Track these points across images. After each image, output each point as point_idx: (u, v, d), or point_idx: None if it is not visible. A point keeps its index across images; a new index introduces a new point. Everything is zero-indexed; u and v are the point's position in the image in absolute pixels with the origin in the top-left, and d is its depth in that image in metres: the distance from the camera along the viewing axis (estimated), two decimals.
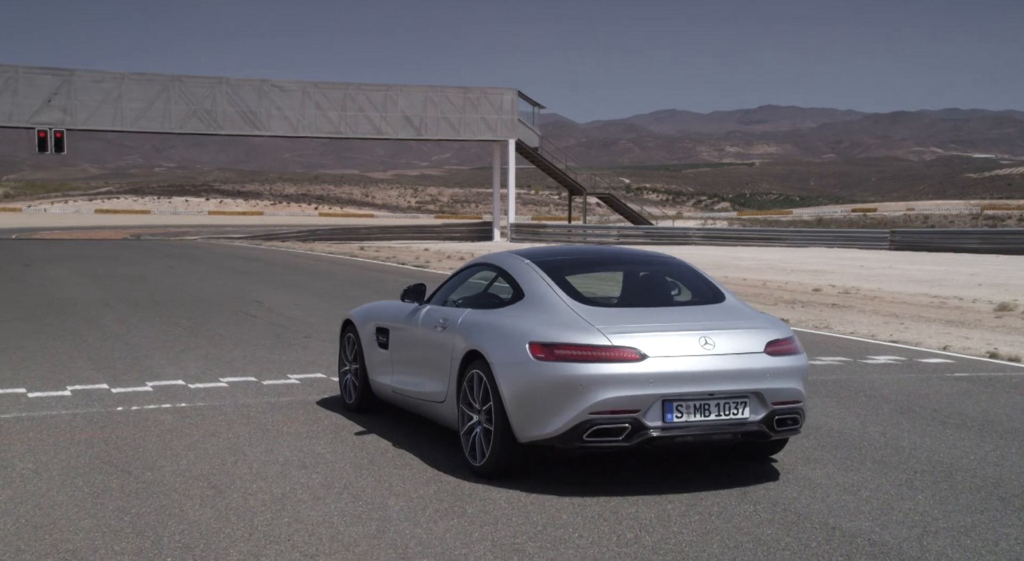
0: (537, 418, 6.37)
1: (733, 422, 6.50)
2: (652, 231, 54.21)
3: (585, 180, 59.83)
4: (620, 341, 6.37)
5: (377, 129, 52.85)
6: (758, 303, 19.28)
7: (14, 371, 10.44)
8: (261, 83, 51.27)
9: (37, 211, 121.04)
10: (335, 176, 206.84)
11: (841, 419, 8.76)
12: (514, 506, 6.11)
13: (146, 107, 49.43)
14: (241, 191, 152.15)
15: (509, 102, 54.26)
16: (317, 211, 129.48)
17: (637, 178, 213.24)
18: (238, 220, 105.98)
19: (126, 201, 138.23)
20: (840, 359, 12.16)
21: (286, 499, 6.12)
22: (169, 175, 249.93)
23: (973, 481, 6.86)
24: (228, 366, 10.93)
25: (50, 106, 48.22)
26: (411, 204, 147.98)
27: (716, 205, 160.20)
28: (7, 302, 17.31)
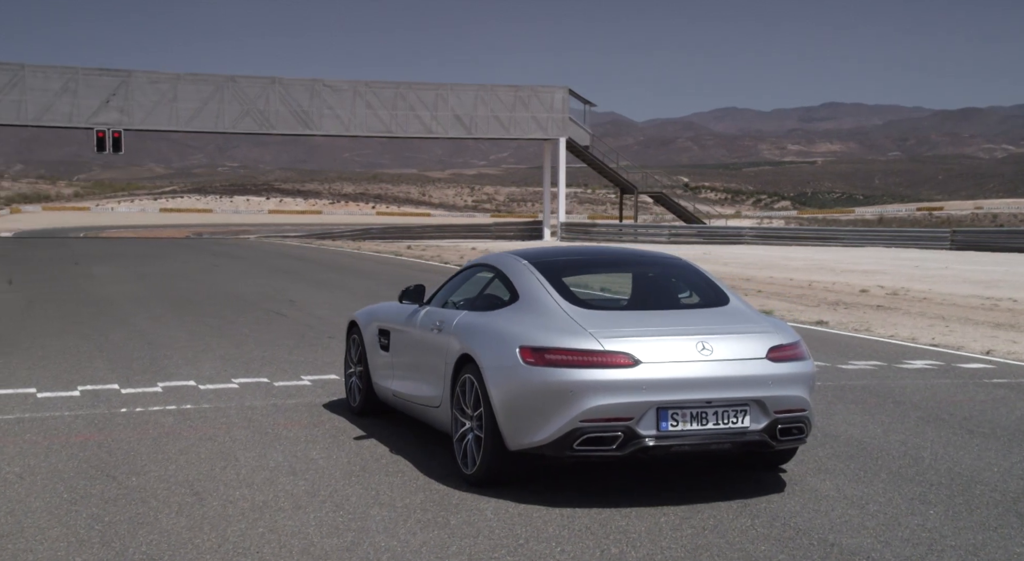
0: (527, 425, 6.14)
1: (732, 431, 6.21)
2: (704, 230, 53.61)
3: (637, 179, 59.31)
4: (613, 346, 6.11)
5: (428, 128, 52.87)
6: (800, 304, 18.85)
7: (30, 370, 10.44)
8: (313, 83, 51.54)
9: (104, 210, 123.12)
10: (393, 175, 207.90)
11: (863, 427, 8.41)
12: (500, 517, 5.89)
13: (200, 107, 49.96)
14: (301, 190, 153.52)
15: (560, 100, 53.96)
16: (375, 210, 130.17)
17: (696, 177, 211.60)
18: (297, 219, 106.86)
19: (189, 200, 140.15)
20: (873, 364, 11.75)
21: (266, 507, 5.96)
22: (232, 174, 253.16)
23: (992, 495, 6.51)
24: (244, 367, 10.84)
25: (108, 107, 48.95)
26: (467, 203, 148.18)
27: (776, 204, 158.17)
28: (45, 300, 17.47)
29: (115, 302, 17.42)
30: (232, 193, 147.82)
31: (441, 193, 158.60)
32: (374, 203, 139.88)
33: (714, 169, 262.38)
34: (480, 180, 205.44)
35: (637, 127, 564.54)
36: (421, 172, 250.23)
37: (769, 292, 21.58)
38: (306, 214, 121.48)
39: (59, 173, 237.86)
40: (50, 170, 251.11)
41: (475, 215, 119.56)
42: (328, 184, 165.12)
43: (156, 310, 16.27)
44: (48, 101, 48.66)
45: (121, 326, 14.07)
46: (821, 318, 16.32)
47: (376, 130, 52.59)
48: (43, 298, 17.94)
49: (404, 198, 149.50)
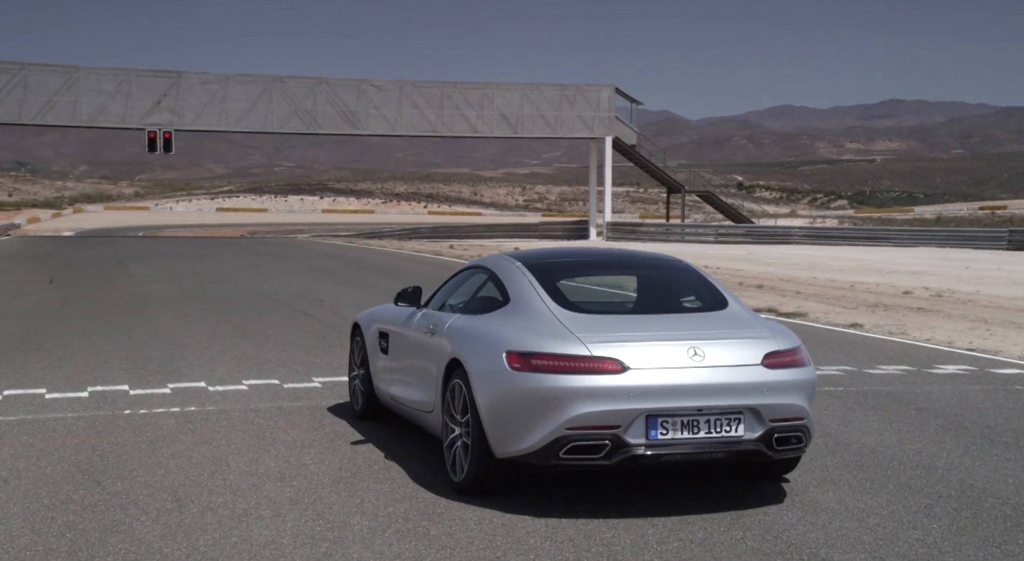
0: (513, 433, 5.97)
1: (726, 440, 5.99)
2: (753, 230, 53.03)
3: (685, 178, 58.79)
4: (600, 351, 5.92)
5: (473, 127, 52.86)
6: (838, 306, 18.46)
7: (45, 370, 10.48)
8: (360, 83, 51.75)
9: (163, 210, 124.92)
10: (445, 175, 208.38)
11: (878, 435, 8.13)
12: (483, 527, 5.73)
13: (249, 107, 50.42)
14: (354, 190, 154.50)
15: (606, 99, 53.64)
16: (426, 209, 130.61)
17: (750, 175, 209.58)
18: (349, 218, 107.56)
19: (245, 200, 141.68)
20: (902, 368, 11.41)
21: (245, 515, 5.85)
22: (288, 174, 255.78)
23: (1002, 509, 6.22)
24: (257, 368, 10.79)
25: (160, 108, 49.61)
26: (519, 202, 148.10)
27: (832, 203, 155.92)
28: (80, 298, 17.63)
29: (147, 301, 17.53)
30: (287, 193, 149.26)
31: (492, 192, 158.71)
32: (426, 202, 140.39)
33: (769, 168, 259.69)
34: (532, 179, 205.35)
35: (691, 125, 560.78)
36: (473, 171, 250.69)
37: (808, 293, 21.18)
38: (359, 213, 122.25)
39: (121, 173, 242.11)
40: (113, 171, 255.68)
41: (526, 214, 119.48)
42: (381, 183, 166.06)
43: (185, 309, 16.34)
44: (102, 102, 49.43)
45: (146, 325, 14.13)
46: (857, 320, 15.95)
47: (422, 130, 52.69)
48: (78, 297, 18.11)
49: (456, 197, 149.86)
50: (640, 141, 55.85)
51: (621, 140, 53.94)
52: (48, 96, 49.05)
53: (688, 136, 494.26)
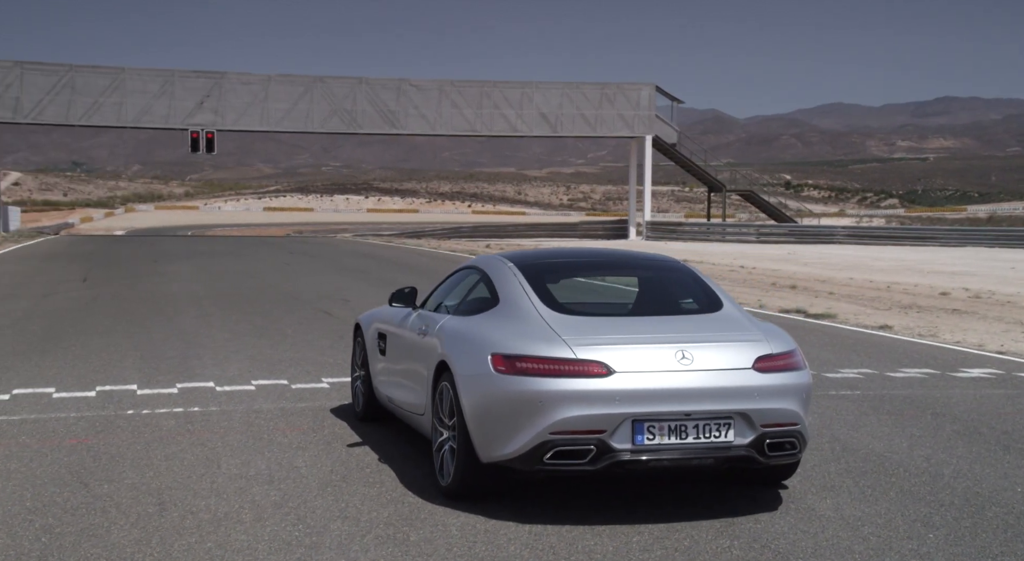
0: (497, 437, 5.86)
1: (715, 446, 5.83)
2: (795, 229, 52.44)
3: (727, 177, 58.26)
4: (585, 354, 5.79)
5: (512, 126, 52.76)
6: (870, 307, 18.14)
7: (59, 369, 10.52)
8: (400, 82, 51.88)
9: (212, 209, 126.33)
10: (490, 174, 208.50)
11: (888, 440, 7.92)
12: (464, 534, 5.62)
13: (290, 107, 50.73)
14: (399, 189, 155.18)
15: (646, 98, 53.29)
16: (470, 209, 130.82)
17: (798, 174, 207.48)
18: (393, 217, 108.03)
19: (292, 199, 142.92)
20: (925, 371, 11.15)
21: (226, 520, 5.77)
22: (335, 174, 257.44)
23: (1005, 518, 6.02)
24: (269, 368, 10.76)
25: (202, 108, 50.08)
26: (563, 202, 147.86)
27: (883, 202, 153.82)
28: (108, 297, 17.76)
29: (173, 300, 17.63)
30: (333, 192, 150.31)
31: (537, 192, 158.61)
32: (470, 202, 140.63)
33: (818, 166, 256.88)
34: (577, 179, 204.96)
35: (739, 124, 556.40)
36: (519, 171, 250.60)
37: (842, 294, 20.84)
38: (403, 213, 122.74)
39: (173, 173, 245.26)
40: (165, 170, 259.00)
41: (570, 214, 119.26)
42: (425, 183, 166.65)
43: (208, 308, 16.40)
44: (146, 103, 50.00)
45: (168, 324, 14.19)
46: (887, 322, 15.64)
47: (461, 129, 52.70)
48: (108, 295, 18.26)
49: (500, 197, 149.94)
50: (681, 140, 55.43)
51: (661, 139, 53.57)
52: (95, 97, 49.70)
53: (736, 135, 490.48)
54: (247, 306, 16.77)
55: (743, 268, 29.24)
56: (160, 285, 20.71)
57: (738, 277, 25.58)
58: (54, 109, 49.52)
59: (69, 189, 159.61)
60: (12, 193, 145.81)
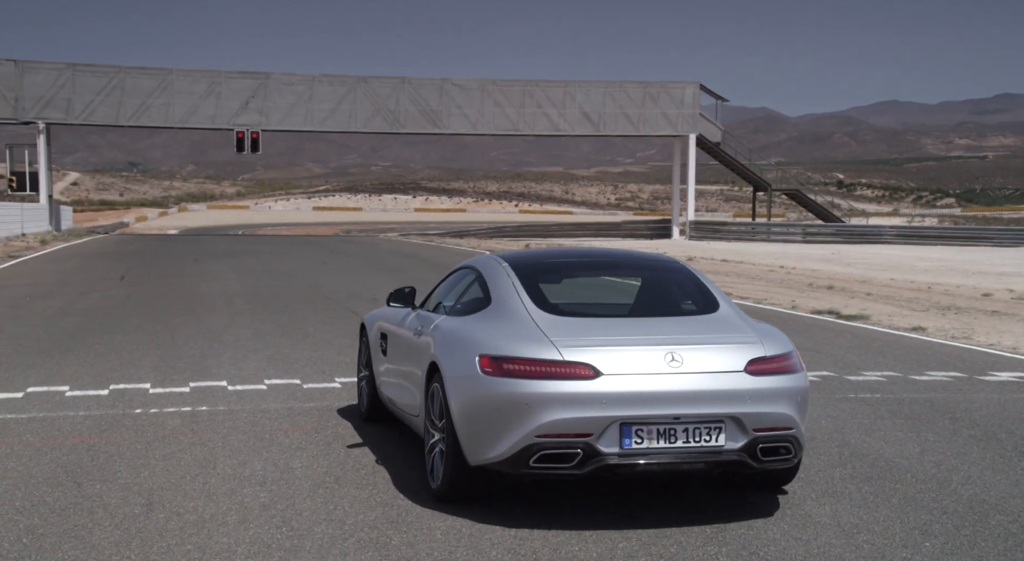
0: (484, 439, 5.78)
1: (705, 450, 5.71)
2: (843, 229, 51.78)
3: (773, 176, 57.63)
4: (573, 356, 5.70)
5: (555, 125, 52.63)
6: (906, 309, 17.81)
7: (78, 367, 10.60)
8: (442, 82, 51.97)
9: (262, 209, 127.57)
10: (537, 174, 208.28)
11: (900, 445, 7.74)
12: (448, 538, 5.55)
13: (334, 108, 51.03)
14: (446, 189, 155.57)
15: (691, 96, 52.90)
16: (517, 208, 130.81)
17: (852, 173, 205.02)
18: (440, 217, 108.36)
19: (340, 199, 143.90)
20: (951, 375, 10.90)
21: (211, 522, 5.74)
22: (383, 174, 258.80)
23: (1008, 526, 5.84)
24: (285, 367, 10.77)
25: (248, 108, 50.55)
26: (610, 201, 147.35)
27: (939, 201, 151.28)
28: (141, 296, 17.91)
29: (205, 299, 17.75)
30: (381, 192, 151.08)
31: (584, 191, 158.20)
32: (517, 201, 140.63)
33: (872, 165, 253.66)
34: (626, 178, 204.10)
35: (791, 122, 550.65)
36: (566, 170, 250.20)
37: (879, 295, 20.49)
38: (450, 212, 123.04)
39: (225, 173, 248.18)
40: (217, 170, 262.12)
41: (617, 213, 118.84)
42: (473, 182, 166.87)
43: (238, 306, 16.48)
44: (193, 104, 50.56)
45: (194, 323, 14.27)
46: (921, 324, 15.33)
47: (503, 128, 52.66)
48: (141, 294, 18.42)
49: (547, 196, 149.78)
50: (726, 138, 54.96)
51: (705, 137, 53.14)
52: (143, 98, 50.35)
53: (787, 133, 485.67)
54: (276, 304, 16.84)
55: (782, 268, 28.89)
56: (196, 284, 20.88)
57: (775, 277, 25.26)
58: (104, 110, 50.25)
59: (125, 189, 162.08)
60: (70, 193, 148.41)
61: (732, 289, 21.29)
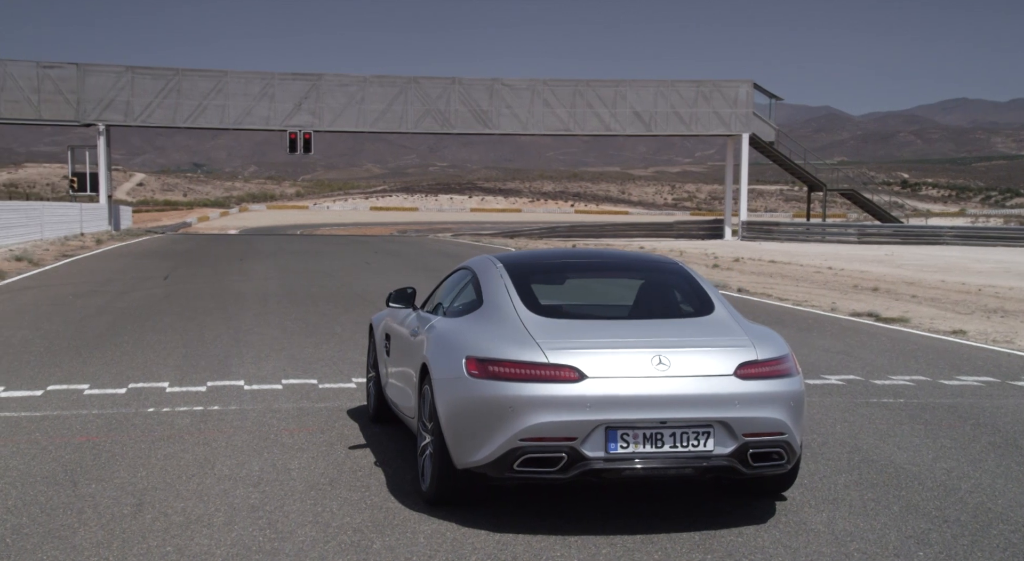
0: (470, 442, 5.72)
1: (694, 455, 5.60)
2: (900, 230, 50.83)
3: (827, 176, 56.79)
4: (558, 358, 5.62)
5: (605, 125, 52.36)
6: (951, 312, 17.42)
7: (102, 366, 10.70)
8: (492, 82, 51.97)
9: (321, 209, 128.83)
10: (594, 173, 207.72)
11: (915, 451, 7.55)
12: (430, 542, 5.49)
13: (385, 108, 51.28)
14: (502, 189, 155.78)
15: (744, 95, 52.30)
16: (573, 208, 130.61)
17: (917, 173, 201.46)
18: (495, 217, 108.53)
19: (397, 199, 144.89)
20: (982, 380, 10.62)
21: (197, 523, 5.72)
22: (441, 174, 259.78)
23: (1009, 537, 5.67)
24: (304, 367, 10.80)
25: (300, 109, 51.00)
26: (667, 201, 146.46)
27: (1008, 201, 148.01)
28: (180, 295, 18.10)
29: (241, 298, 17.89)
30: (437, 192, 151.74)
31: (641, 191, 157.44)
32: (572, 201, 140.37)
33: (939, 164, 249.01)
34: (683, 178, 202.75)
35: (854, 121, 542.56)
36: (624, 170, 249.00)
37: (925, 298, 20.07)
38: (506, 212, 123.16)
39: (286, 174, 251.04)
40: (279, 171, 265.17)
41: (674, 213, 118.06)
42: (529, 182, 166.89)
43: (272, 306, 16.58)
44: (248, 105, 51.11)
45: (225, 323, 14.37)
46: (962, 327, 14.97)
47: (553, 128, 52.52)
48: (182, 293, 18.62)
49: (603, 196, 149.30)
50: (780, 138, 54.28)
51: (759, 137, 52.53)
52: (199, 100, 51.01)
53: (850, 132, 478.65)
54: (310, 305, 16.93)
55: (830, 269, 28.44)
56: (236, 283, 21.07)
57: (821, 279, 24.87)
58: (161, 112, 50.99)
59: (189, 189, 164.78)
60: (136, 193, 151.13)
61: (774, 291, 20.99)
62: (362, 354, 11.71)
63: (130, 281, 21.42)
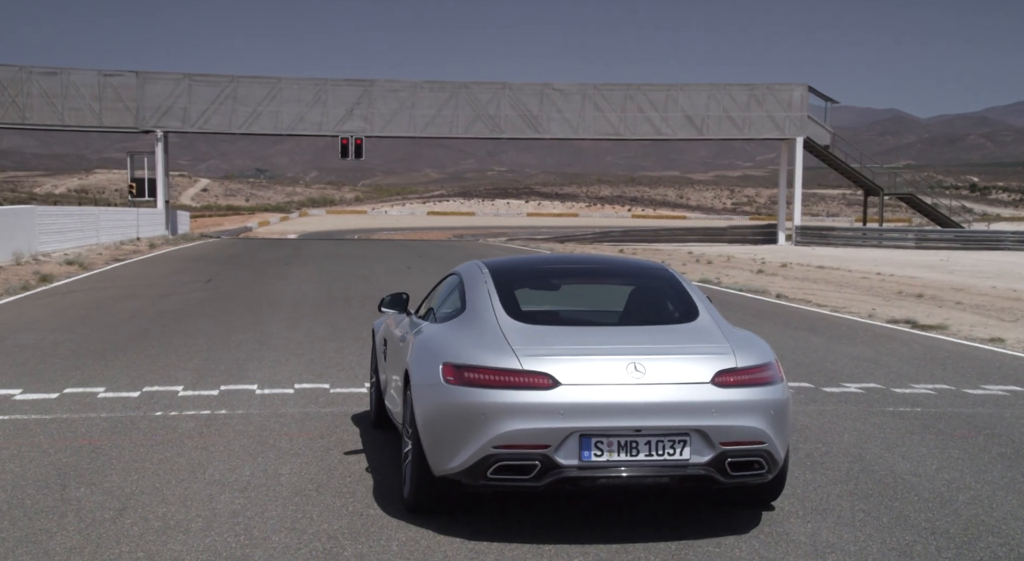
0: (446, 449, 5.67)
1: (670, 464, 5.51)
2: (960, 234, 49.84)
3: (885, 180, 55.83)
4: (532, 365, 5.56)
5: (656, 129, 52.06)
6: (993, 319, 17.03)
7: (121, 368, 10.80)
8: (543, 87, 51.96)
9: (379, 213, 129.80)
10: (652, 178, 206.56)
11: (918, 461, 7.37)
12: (401, 551, 5.45)
13: (435, 113, 51.52)
14: (559, 194, 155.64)
15: (798, 98, 51.69)
16: (630, 213, 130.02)
17: (987, 176, 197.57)
18: (552, 221, 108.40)
19: (454, 203, 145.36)
20: (1010, 389, 10.37)
21: (174, 529, 5.69)
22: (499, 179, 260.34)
23: (997, 550, 5.52)
24: (320, 371, 10.83)
25: (352, 115, 51.46)
26: (726, 206, 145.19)
27: None
28: (217, 299, 18.30)
29: (276, 302, 18.03)
30: (494, 196, 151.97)
31: (699, 195, 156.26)
32: (630, 206, 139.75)
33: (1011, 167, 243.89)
34: (744, 182, 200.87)
35: (921, 124, 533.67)
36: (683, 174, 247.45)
37: (970, 304, 19.64)
38: (562, 217, 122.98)
39: (347, 179, 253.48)
40: (339, 176, 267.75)
41: (732, 218, 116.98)
42: (586, 187, 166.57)
43: (303, 310, 16.69)
44: (300, 111, 51.68)
45: (254, 327, 14.48)
46: (1002, 335, 14.62)
47: (604, 132, 52.35)
48: (220, 297, 18.82)
49: (661, 201, 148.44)
50: (835, 141, 53.54)
51: (813, 140, 51.88)
52: (253, 106, 51.67)
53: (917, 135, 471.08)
54: (342, 308, 17.02)
55: (879, 275, 27.95)
56: (275, 287, 21.26)
57: (866, 285, 24.45)
58: (217, 118, 51.75)
59: (251, 194, 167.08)
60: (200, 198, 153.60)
61: (814, 297, 20.67)
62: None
63: (172, 285, 21.71)
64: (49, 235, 32.88)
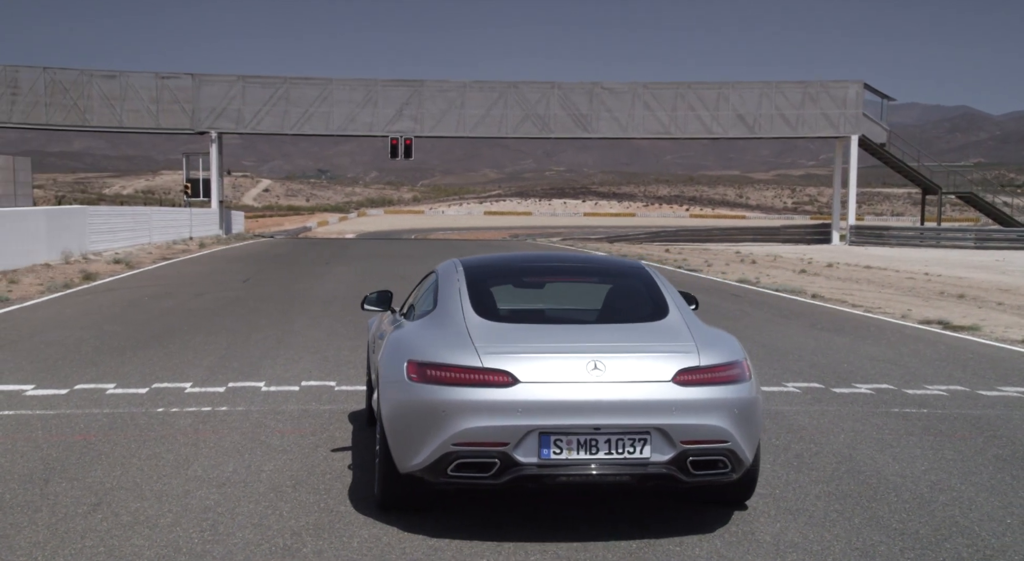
0: (409, 446, 5.69)
1: (630, 462, 5.47)
2: (1023, 234, 48.58)
3: (944, 179, 54.77)
4: (492, 363, 5.55)
5: (707, 128, 51.66)
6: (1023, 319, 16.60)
7: (136, 365, 10.95)
8: (592, 86, 51.84)
9: (436, 213, 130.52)
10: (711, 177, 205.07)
11: (908, 462, 7.26)
12: (361, 547, 5.47)
13: (484, 113, 51.65)
14: (616, 193, 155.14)
15: (854, 95, 50.96)
16: (688, 213, 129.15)
17: None
18: (608, 221, 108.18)
19: (511, 203, 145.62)
20: (1023, 390, 10.10)
21: (142, 524, 5.74)
22: (556, 178, 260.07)
23: (962, 552, 5.43)
24: (331, 369, 10.90)
25: (402, 116, 51.80)
26: (787, 205, 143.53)
27: None
28: (248, 298, 18.48)
29: (306, 301, 18.20)
30: (551, 196, 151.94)
31: (759, 195, 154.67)
32: (688, 205, 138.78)
33: None
34: (806, 181, 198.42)
35: (992, 121, 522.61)
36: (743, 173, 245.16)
37: (1012, 305, 19.25)
38: (619, 217, 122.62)
39: (406, 179, 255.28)
40: (399, 176, 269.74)
41: (793, 217, 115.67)
42: (643, 187, 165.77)
43: (331, 309, 16.81)
44: (351, 112, 52.14)
45: (277, 325, 14.62)
46: None
47: (653, 131, 52.09)
48: (253, 297, 19.02)
49: (720, 200, 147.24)
50: (892, 139, 52.66)
51: (868, 138, 51.09)
52: (305, 107, 52.24)
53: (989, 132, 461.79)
54: None
55: (926, 276, 27.45)
56: (310, 286, 21.46)
57: (908, 285, 24.03)
58: (270, 120, 52.41)
59: (311, 195, 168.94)
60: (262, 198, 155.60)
61: (852, 297, 20.35)
62: None
63: (210, 284, 21.99)
64: (100, 235, 33.51)
